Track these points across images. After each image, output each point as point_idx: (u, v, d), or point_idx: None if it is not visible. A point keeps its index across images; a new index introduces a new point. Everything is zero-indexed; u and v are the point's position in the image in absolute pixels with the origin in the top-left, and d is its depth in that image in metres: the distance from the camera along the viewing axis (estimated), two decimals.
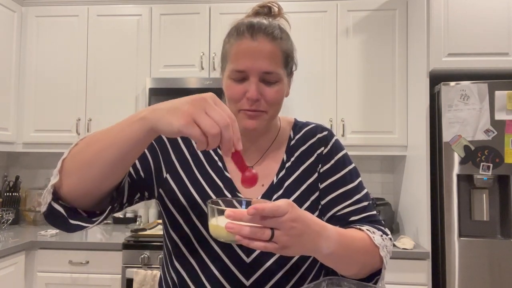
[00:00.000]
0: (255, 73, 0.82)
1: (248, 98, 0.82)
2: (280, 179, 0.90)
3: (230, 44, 0.86)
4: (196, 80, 2.53)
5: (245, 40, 0.83)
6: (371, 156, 2.84)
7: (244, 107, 0.84)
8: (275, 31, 0.84)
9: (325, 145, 0.94)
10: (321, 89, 2.57)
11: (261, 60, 0.81)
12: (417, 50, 2.34)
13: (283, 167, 0.92)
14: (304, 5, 2.61)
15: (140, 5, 2.70)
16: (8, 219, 2.61)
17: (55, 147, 2.70)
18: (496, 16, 2.15)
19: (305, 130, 0.97)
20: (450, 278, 2.05)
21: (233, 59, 0.84)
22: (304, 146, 0.94)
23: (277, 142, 0.95)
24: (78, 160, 0.71)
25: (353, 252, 0.78)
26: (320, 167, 0.92)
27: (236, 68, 0.83)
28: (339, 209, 0.89)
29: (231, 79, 0.84)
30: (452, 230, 2.07)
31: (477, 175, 2.06)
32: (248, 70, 0.82)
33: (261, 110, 0.84)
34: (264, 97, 0.83)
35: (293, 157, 0.93)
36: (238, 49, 0.83)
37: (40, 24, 2.74)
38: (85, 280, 2.26)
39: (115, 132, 0.68)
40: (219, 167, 0.91)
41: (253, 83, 0.82)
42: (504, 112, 2.05)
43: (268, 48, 0.82)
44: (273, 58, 0.83)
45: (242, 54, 0.82)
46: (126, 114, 2.72)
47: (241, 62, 0.82)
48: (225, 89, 0.86)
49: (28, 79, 2.72)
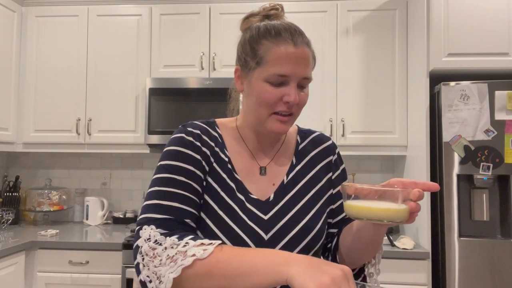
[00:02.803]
0: (296, 79, 0.85)
1: (288, 102, 0.84)
2: (291, 179, 0.94)
3: (266, 47, 0.85)
4: (196, 80, 2.53)
5: (287, 45, 0.84)
6: (371, 156, 2.84)
7: (279, 109, 0.85)
8: (306, 37, 0.89)
9: (333, 153, 1.02)
10: (321, 89, 2.57)
11: (303, 66, 0.85)
12: (417, 50, 2.34)
13: (293, 169, 0.96)
14: (304, 5, 2.61)
15: (140, 5, 2.70)
16: (8, 219, 2.61)
17: (55, 147, 2.70)
18: (496, 16, 2.15)
19: (312, 137, 1.02)
20: (450, 278, 2.05)
21: (274, 63, 0.84)
22: (314, 151, 1.00)
23: (285, 145, 0.99)
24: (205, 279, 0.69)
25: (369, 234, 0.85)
26: (332, 174, 0.99)
27: (279, 73, 0.83)
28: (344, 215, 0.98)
29: (269, 82, 0.85)
30: (452, 230, 2.07)
31: (477, 175, 2.06)
32: (291, 75, 0.84)
33: (292, 114, 0.88)
34: (298, 101, 0.86)
35: (304, 161, 0.98)
36: (281, 53, 0.84)
37: (40, 24, 2.74)
38: (85, 280, 2.26)
39: (253, 277, 0.66)
40: (228, 169, 0.91)
41: (293, 88, 0.85)
42: (504, 112, 2.05)
43: (307, 54, 0.86)
44: (310, 64, 0.87)
45: (286, 59, 0.83)
46: (126, 114, 2.72)
47: (285, 67, 0.83)
48: (260, 93, 0.85)
49: (28, 79, 2.72)
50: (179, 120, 2.51)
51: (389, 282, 2.13)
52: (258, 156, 0.95)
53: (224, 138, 0.94)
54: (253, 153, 0.95)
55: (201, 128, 0.93)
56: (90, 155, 3.01)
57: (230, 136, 0.95)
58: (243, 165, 0.93)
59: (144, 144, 2.60)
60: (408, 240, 2.23)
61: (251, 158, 0.94)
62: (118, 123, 2.65)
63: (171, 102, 2.54)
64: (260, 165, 0.94)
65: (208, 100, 2.48)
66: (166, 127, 2.52)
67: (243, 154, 0.94)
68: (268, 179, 0.93)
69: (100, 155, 3.00)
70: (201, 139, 0.90)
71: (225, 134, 0.95)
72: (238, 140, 0.95)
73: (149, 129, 2.53)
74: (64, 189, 2.88)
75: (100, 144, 2.66)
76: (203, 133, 0.92)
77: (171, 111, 2.54)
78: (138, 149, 2.65)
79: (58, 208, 2.78)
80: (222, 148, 0.93)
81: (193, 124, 0.94)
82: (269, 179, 0.93)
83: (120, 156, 2.99)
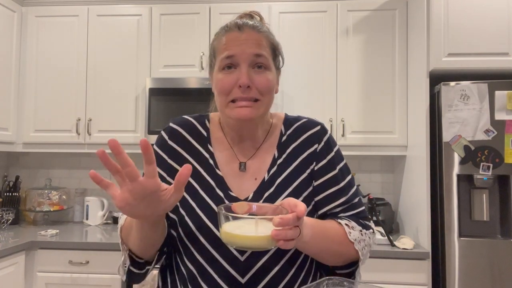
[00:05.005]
0: (245, 58, 0.84)
1: (240, 85, 0.82)
2: (271, 176, 0.90)
3: (218, 40, 0.89)
4: (196, 80, 2.53)
5: (232, 32, 0.86)
6: (371, 156, 2.84)
7: (235, 95, 0.84)
8: (260, 26, 0.88)
9: (318, 142, 0.94)
10: (321, 89, 2.57)
11: (251, 44, 0.84)
12: (417, 50, 2.34)
13: (274, 164, 0.92)
14: (304, 5, 2.61)
15: (140, 5, 2.70)
16: (8, 219, 2.61)
17: (55, 147, 2.70)
18: (496, 16, 2.15)
19: (296, 126, 0.96)
20: (450, 278, 2.05)
21: (222, 49, 0.86)
22: (296, 142, 0.94)
23: (269, 137, 0.95)
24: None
25: (326, 240, 0.82)
26: (315, 165, 0.92)
27: (225, 55, 0.84)
28: (331, 208, 0.91)
29: (221, 71, 0.86)
30: (452, 230, 2.07)
31: (477, 175, 2.06)
32: (237, 54, 0.84)
33: (254, 99, 0.85)
34: (255, 84, 0.84)
35: (285, 153, 0.93)
36: (227, 40, 0.86)
37: (40, 24, 2.74)
38: (85, 280, 2.26)
39: None
40: (210, 165, 0.91)
41: (243, 68, 0.83)
42: (504, 112, 2.05)
43: (255, 37, 0.86)
44: (261, 44, 0.86)
45: (231, 42, 0.85)
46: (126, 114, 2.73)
47: (230, 48, 0.84)
48: (216, 83, 0.87)
49: (28, 79, 2.72)
50: None
51: (389, 282, 2.13)
52: (239, 151, 0.93)
53: (211, 133, 0.95)
54: (234, 148, 0.93)
55: (186, 124, 0.95)
56: (90, 155, 3.00)
57: (216, 131, 0.96)
58: (225, 160, 0.92)
59: None
60: (408, 240, 2.23)
61: (232, 154, 0.93)
62: (118, 123, 2.65)
63: (171, 102, 2.54)
64: (239, 161, 0.92)
65: (208, 100, 2.47)
66: None
67: (225, 150, 0.93)
68: (250, 175, 0.91)
69: None
70: (177, 136, 0.93)
71: (213, 129, 0.96)
72: (220, 135, 0.95)
73: (149, 129, 2.53)
74: (64, 189, 2.88)
75: (100, 144, 2.66)
76: (186, 129, 0.94)
77: (171, 111, 2.54)
78: (138, 149, 2.63)
79: (58, 208, 2.78)
80: (206, 143, 0.93)
81: (178, 119, 0.96)
82: (251, 175, 0.91)
83: None
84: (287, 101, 2.57)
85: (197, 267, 0.86)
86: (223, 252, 0.84)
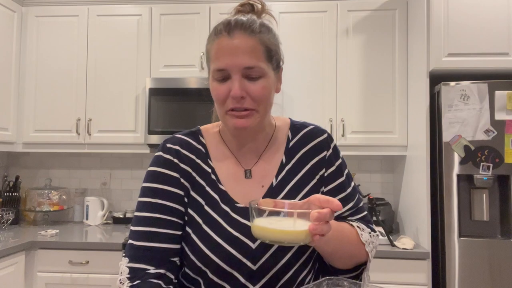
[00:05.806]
0: (236, 70, 0.80)
1: (232, 96, 0.80)
2: (280, 181, 0.89)
3: (210, 45, 0.85)
4: (196, 80, 2.53)
5: (222, 38, 0.81)
6: (371, 156, 2.84)
7: (230, 106, 0.82)
8: (252, 25, 0.82)
9: (327, 148, 0.93)
10: (321, 89, 2.57)
11: (241, 56, 0.79)
12: (417, 50, 2.34)
13: (282, 169, 0.90)
14: (304, 5, 2.61)
15: (140, 5, 2.70)
16: (8, 219, 2.61)
17: (55, 147, 2.70)
18: (496, 16, 2.15)
19: (304, 132, 0.95)
20: (450, 278, 2.05)
21: (213, 59, 0.83)
22: (305, 148, 0.93)
23: (273, 142, 0.93)
24: None
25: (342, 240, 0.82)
26: (324, 171, 0.92)
27: (216, 68, 0.81)
28: (340, 213, 0.91)
29: (214, 80, 0.83)
30: (452, 230, 2.07)
31: (477, 175, 2.06)
32: (228, 67, 0.80)
33: (250, 109, 0.82)
34: (249, 94, 0.81)
35: (294, 159, 0.92)
36: (217, 48, 0.82)
37: (40, 24, 2.74)
38: (85, 280, 2.26)
39: None
40: (212, 180, 0.89)
41: (235, 80, 0.80)
42: (504, 112, 2.05)
43: (246, 43, 0.80)
44: (253, 52, 0.80)
45: (221, 52, 0.81)
46: (126, 114, 2.74)
47: (221, 60, 0.80)
48: (212, 91, 0.85)
49: (28, 79, 2.72)
50: (179, 120, 2.51)
51: (389, 282, 2.13)
52: (243, 159, 0.91)
53: (208, 147, 0.92)
54: (237, 156, 0.91)
55: (181, 142, 0.91)
56: (90, 155, 3.01)
57: (213, 142, 0.93)
58: (228, 171, 0.90)
59: (144, 144, 2.60)
60: (408, 240, 2.23)
61: (235, 162, 0.91)
62: (118, 123, 2.65)
63: (171, 102, 2.54)
64: (244, 168, 0.90)
65: (208, 100, 2.47)
66: (166, 127, 2.52)
67: (227, 159, 0.91)
68: (256, 181, 0.89)
69: (100, 155, 3.00)
70: (179, 155, 0.89)
71: (209, 142, 0.93)
72: (221, 145, 0.93)
73: (149, 129, 2.53)
74: (64, 189, 2.88)
75: (100, 144, 2.66)
76: (183, 147, 0.90)
77: (171, 111, 2.54)
78: (138, 149, 2.65)
79: (58, 208, 2.78)
80: (205, 158, 0.91)
81: (173, 139, 0.92)
82: (257, 182, 0.89)
83: (120, 156, 2.99)
84: (287, 101, 2.57)
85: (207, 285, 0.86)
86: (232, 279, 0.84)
